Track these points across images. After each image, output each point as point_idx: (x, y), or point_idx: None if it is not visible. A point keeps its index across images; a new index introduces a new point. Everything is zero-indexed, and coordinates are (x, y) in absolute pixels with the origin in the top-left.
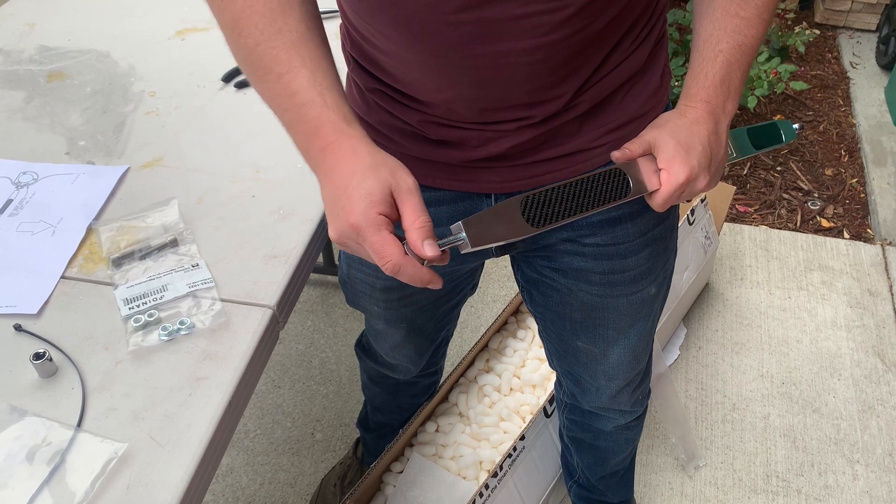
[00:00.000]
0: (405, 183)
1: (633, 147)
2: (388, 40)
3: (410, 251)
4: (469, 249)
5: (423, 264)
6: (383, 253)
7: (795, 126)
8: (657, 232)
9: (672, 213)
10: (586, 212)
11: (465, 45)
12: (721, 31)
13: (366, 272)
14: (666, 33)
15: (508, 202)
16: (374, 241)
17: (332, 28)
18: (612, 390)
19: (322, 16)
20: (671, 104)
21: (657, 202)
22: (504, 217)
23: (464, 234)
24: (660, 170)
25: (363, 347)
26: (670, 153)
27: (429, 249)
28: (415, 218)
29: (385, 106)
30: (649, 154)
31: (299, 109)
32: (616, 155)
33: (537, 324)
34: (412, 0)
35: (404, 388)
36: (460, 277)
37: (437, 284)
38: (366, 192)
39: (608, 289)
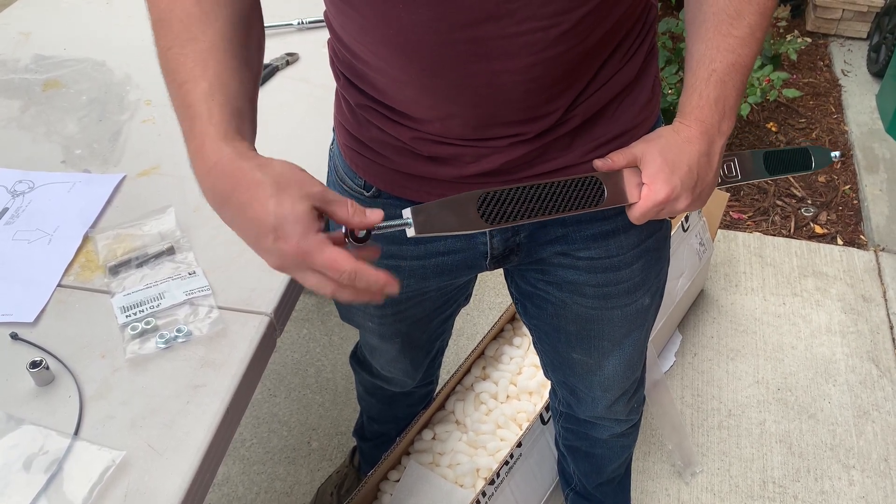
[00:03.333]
0: (315, 188)
1: (616, 158)
2: (380, 59)
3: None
4: (413, 235)
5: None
6: (337, 266)
7: (835, 154)
8: (650, 243)
9: (665, 225)
10: (550, 215)
11: (460, 63)
12: (714, 50)
13: None
14: (656, 45)
15: (465, 196)
16: (326, 259)
17: (321, 38)
18: (608, 400)
19: (310, 25)
20: (661, 113)
21: (634, 215)
22: (457, 209)
23: (411, 219)
24: (643, 184)
25: (358, 360)
26: (655, 169)
27: (373, 214)
28: (347, 209)
29: (376, 123)
30: (635, 166)
31: (191, 123)
32: (598, 164)
33: (532, 336)
34: (406, 20)
35: (401, 399)
36: (453, 290)
37: (393, 287)
38: (295, 216)
39: (603, 301)
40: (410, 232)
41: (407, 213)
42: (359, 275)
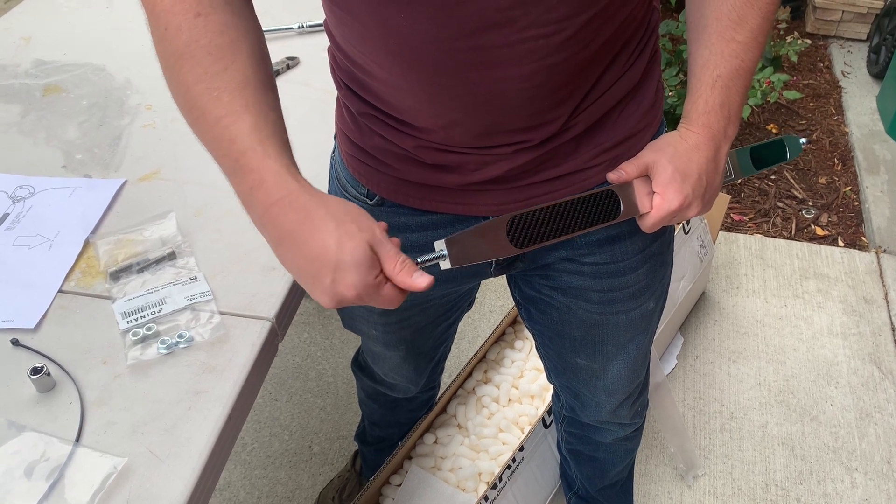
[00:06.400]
0: (376, 232)
1: (628, 169)
2: (381, 68)
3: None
4: (448, 267)
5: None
6: (389, 303)
7: (802, 140)
8: (655, 248)
9: (669, 229)
10: (573, 233)
11: (462, 72)
12: (718, 56)
13: None
14: (658, 49)
15: (495, 222)
16: (381, 301)
17: (322, 42)
18: (612, 404)
19: (310, 29)
20: (663, 117)
21: (646, 224)
22: (488, 236)
23: (445, 251)
24: (653, 192)
25: (360, 366)
26: (667, 179)
27: (421, 281)
28: (395, 264)
29: (379, 131)
30: (645, 176)
31: (239, 158)
32: (612, 176)
33: (535, 341)
34: (407, 29)
35: (402, 404)
36: (457, 297)
37: (429, 280)
38: (354, 261)
39: (607, 306)
40: (445, 264)
41: (440, 245)
42: (404, 298)
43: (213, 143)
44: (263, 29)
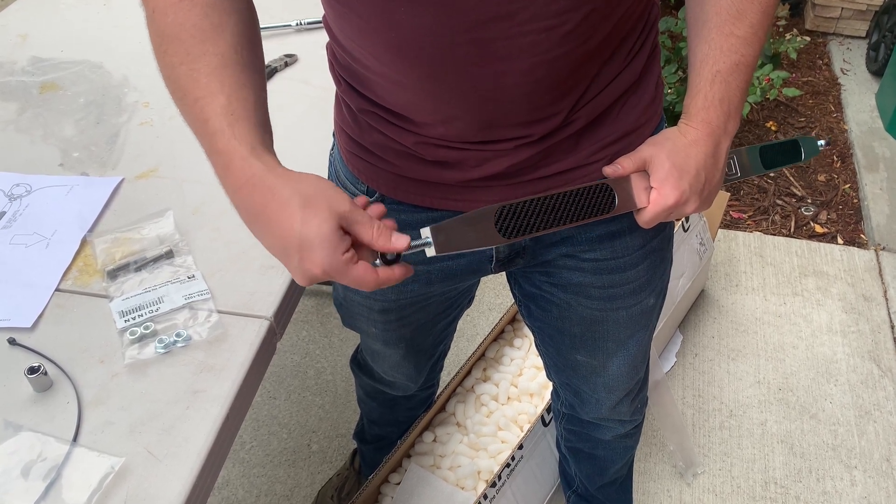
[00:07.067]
0: (343, 207)
1: (625, 163)
2: (381, 63)
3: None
4: (433, 254)
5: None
6: (362, 285)
7: (821, 142)
8: (655, 244)
9: (669, 225)
10: (564, 225)
11: (462, 66)
12: (717, 51)
13: (363, 295)
14: (658, 45)
15: (483, 211)
16: (351, 280)
17: (320, 39)
18: (612, 401)
19: (309, 26)
20: (663, 113)
21: (643, 220)
22: (476, 226)
23: (431, 239)
24: (651, 188)
25: (359, 364)
26: (664, 174)
27: (399, 241)
28: (371, 231)
29: (378, 127)
30: (643, 170)
31: (210, 139)
32: (608, 170)
33: (535, 338)
34: (407, 23)
35: (401, 402)
36: (457, 294)
37: (410, 271)
38: (320, 238)
39: (608, 302)
40: (430, 251)
41: (426, 232)
42: (381, 284)
43: (193, 124)
44: (261, 26)
